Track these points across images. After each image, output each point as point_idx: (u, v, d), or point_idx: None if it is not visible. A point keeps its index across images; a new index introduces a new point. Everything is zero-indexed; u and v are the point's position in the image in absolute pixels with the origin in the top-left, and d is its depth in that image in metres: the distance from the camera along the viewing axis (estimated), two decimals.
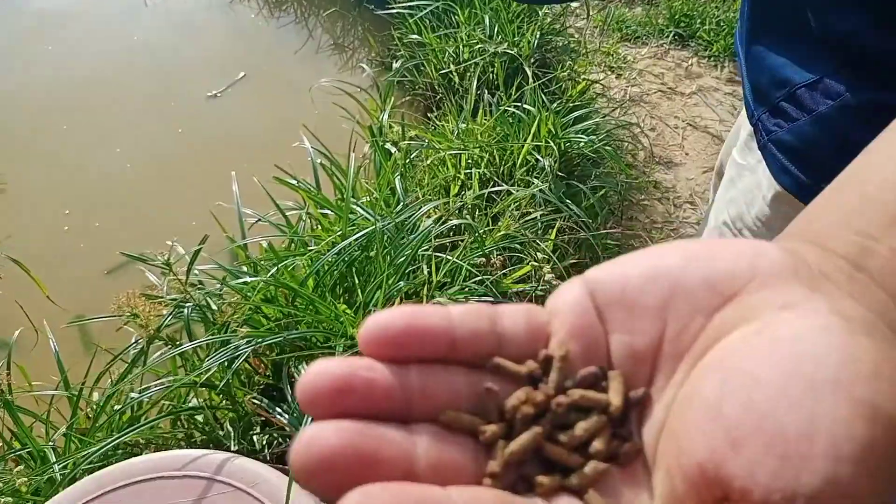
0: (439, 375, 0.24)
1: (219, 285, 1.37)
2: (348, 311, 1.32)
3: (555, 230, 1.53)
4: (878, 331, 0.22)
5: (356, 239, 1.39)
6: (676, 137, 2.33)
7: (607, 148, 1.90)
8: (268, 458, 1.29)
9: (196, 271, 1.41)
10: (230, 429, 1.27)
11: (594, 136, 1.85)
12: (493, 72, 2.11)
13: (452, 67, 2.15)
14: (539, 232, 1.57)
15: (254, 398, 1.26)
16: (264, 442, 1.30)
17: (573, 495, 0.23)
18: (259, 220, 1.77)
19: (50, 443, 1.21)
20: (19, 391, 1.28)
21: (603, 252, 1.61)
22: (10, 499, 1.00)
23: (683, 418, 0.22)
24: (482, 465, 0.23)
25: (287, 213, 1.76)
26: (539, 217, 1.57)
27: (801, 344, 0.21)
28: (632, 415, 0.24)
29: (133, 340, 1.37)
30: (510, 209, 1.58)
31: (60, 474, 1.11)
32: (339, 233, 1.50)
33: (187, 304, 1.29)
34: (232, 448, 1.24)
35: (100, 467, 1.19)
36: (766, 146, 0.72)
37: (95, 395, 1.30)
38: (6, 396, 1.19)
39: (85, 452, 1.12)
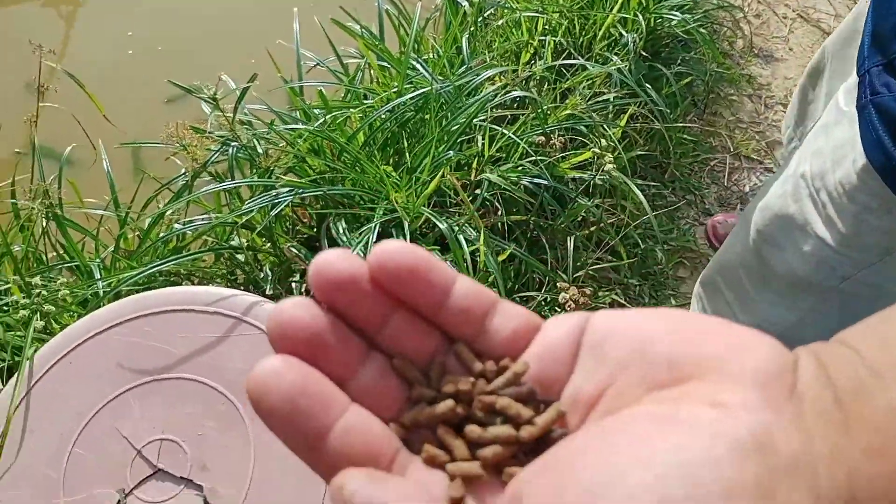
0: (417, 325, 0.26)
1: (266, 128, 1.34)
2: (393, 173, 1.28)
3: (626, 116, 1.42)
4: (791, 474, 0.19)
5: (411, 98, 1.32)
6: (782, 28, 2.09)
7: (702, 31, 1.72)
8: None
9: (247, 110, 1.37)
10: (269, 273, 1.29)
11: (689, 16, 1.66)
12: None
13: None
14: (609, 116, 1.46)
15: (293, 246, 1.27)
16: (301, 290, 1.32)
17: (442, 472, 0.24)
18: (317, 64, 1.70)
19: (97, 260, 1.25)
20: (70, 205, 1.31)
21: (676, 147, 1.50)
22: (52, 306, 1.05)
23: (536, 481, 0.22)
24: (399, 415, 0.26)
25: (346, 62, 1.69)
26: (611, 99, 1.45)
27: (677, 438, 0.20)
28: (542, 449, 0.24)
29: (181, 172, 1.38)
30: (581, 87, 1.46)
31: (104, 291, 1.16)
32: (395, 89, 1.43)
33: (233, 143, 1.27)
34: (268, 291, 1.26)
35: (142, 290, 1.23)
36: (866, 108, 0.59)
37: (142, 222, 1.32)
38: (56, 210, 1.22)
39: (129, 274, 1.15)
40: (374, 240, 1.12)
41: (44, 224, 1.26)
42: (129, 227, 1.29)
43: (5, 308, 1.15)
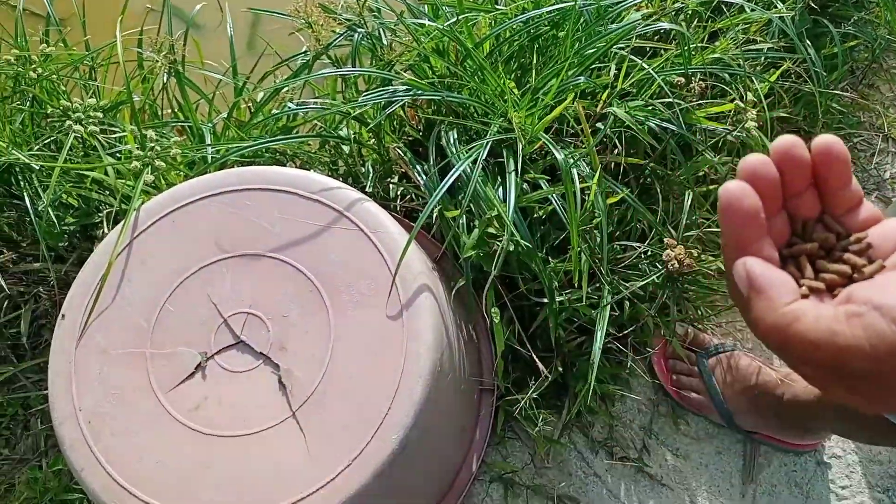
0: (810, 200, 0.43)
1: (395, 19, 1.29)
2: (515, 90, 1.21)
3: (779, 72, 1.29)
4: None
5: (549, 12, 1.23)
6: None
7: None
8: (397, 209, 1.30)
9: None
10: (371, 169, 1.27)
11: None
12: None
13: None
14: (758, 68, 1.33)
15: (398, 147, 1.24)
16: (398, 192, 1.30)
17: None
18: None
19: (209, 124, 1.26)
20: (191, 64, 1.31)
21: (823, 115, 1.36)
22: (162, 162, 1.06)
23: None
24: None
25: None
26: (765, 50, 1.32)
27: None
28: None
29: (302, 50, 1.35)
30: (736, 30, 1.33)
31: (212, 157, 1.17)
32: None
33: (359, 30, 1.23)
34: (367, 188, 1.25)
35: (247, 163, 1.24)
36: None
37: (256, 94, 1.32)
38: (178, 67, 1.22)
39: (237, 145, 1.16)
40: (484, 157, 1.08)
41: (164, 79, 1.27)
42: (243, 97, 1.28)
43: (118, 155, 1.19)
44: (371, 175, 1.26)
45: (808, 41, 1.37)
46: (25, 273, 1.19)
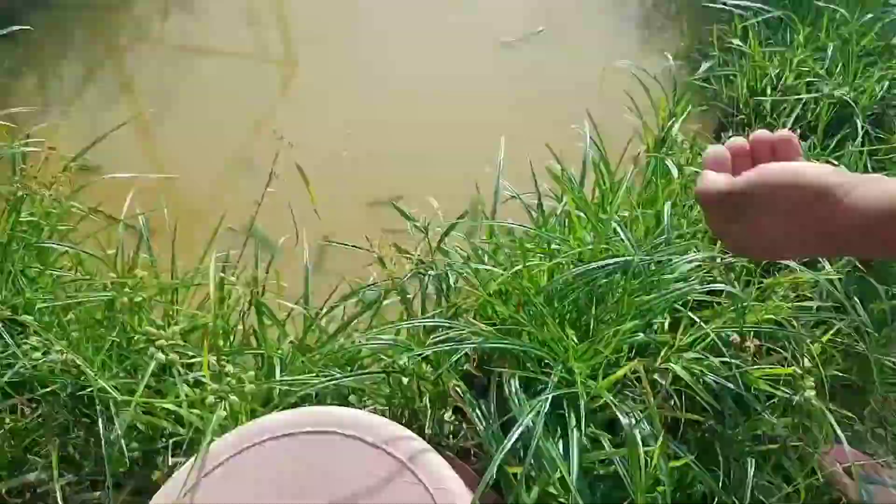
0: None
1: (462, 261, 1.38)
2: (574, 339, 1.26)
3: (830, 333, 1.33)
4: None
5: (608, 265, 1.31)
6: None
7: None
8: (451, 445, 1.31)
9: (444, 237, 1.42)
10: (428, 405, 1.30)
11: None
12: (815, 112, 1.83)
13: (769, 92, 1.90)
14: (810, 325, 1.37)
15: (458, 385, 1.27)
16: (452, 430, 1.31)
17: None
18: (514, 196, 1.74)
19: (280, 352, 1.32)
20: (270, 294, 1.40)
21: (878, 375, 1.37)
22: (236, 398, 1.10)
23: None
24: None
25: (544, 198, 1.72)
26: (815, 309, 1.36)
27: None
28: None
29: (371, 282, 1.44)
30: (785, 287, 1.39)
31: (279, 391, 1.22)
32: (589, 246, 1.43)
33: (429, 273, 1.32)
34: (426, 428, 1.27)
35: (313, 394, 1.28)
36: None
37: (328, 325, 1.39)
38: (259, 298, 1.31)
39: (309, 380, 1.20)
40: (546, 410, 1.10)
41: (245, 308, 1.35)
42: (313, 328, 1.35)
43: (193, 382, 1.24)
44: (430, 413, 1.28)
45: (856, 298, 1.42)
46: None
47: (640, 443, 1.07)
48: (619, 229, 1.41)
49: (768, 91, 1.92)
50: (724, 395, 1.20)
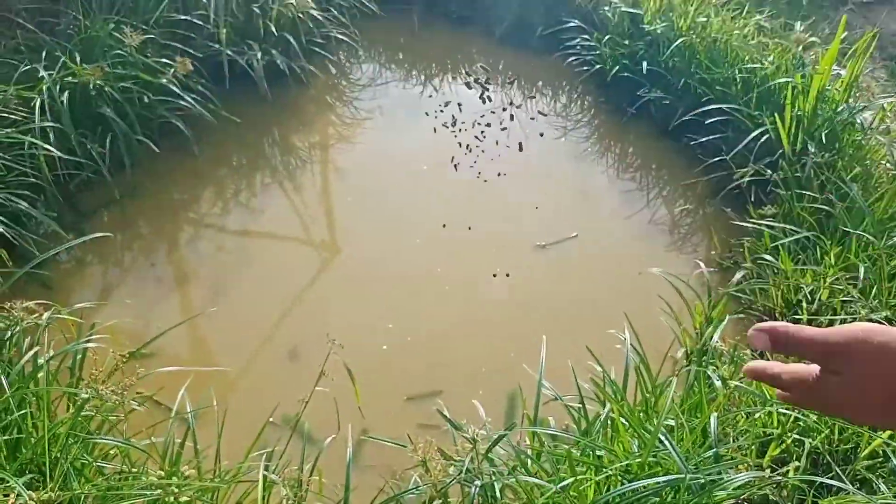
0: None
1: (507, 471, 1.37)
2: None
3: None
4: None
5: (658, 483, 1.29)
6: None
7: None
8: None
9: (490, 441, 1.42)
10: None
11: None
12: None
13: (805, 306, 1.96)
14: None
15: None
16: None
17: None
18: (555, 398, 1.76)
19: None
20: (312, 492, 1.39)
21: None
22: None
23: None
24: None
25: (586, 401, 1.73)
26: None
27: None
28: None
29: (414, 485, 1.42)
30: None
31: None
32: (637, 458, 1.42)
33: (475, 483, 1.31)
34: None
35: None
36: None
37: None
38: (303, 501, 1.30)
39: None
40: None
41: None
42: None
43: None
44: None
45: None
46: None
47: None
48: (666, 443, 1.40)
49: (804, 305, 1.97)
50: None
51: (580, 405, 1.73)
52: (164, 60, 2.84)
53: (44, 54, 2.70)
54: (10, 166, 2.37)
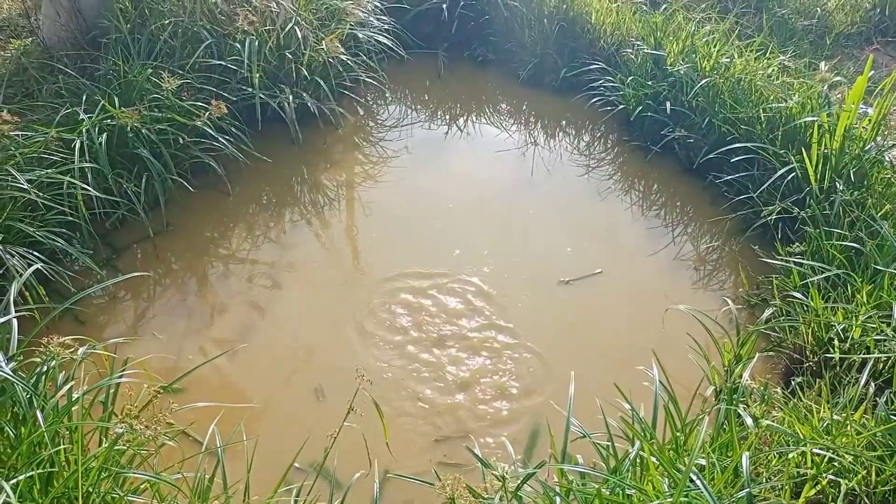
0: None
1: None
2: None
3: None
4: None
5: None
6: None
7: None
8: None
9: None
10: None
11: None
12: (889, 366, 1.84)
13: (837, 344, 1.93)
14: None
15: None
16: None
17: None
18: (583, 436, 1.75)
19: None
20: None
21: None
22: None
23: None
24: None
25: (614, 438, 1.71)
26: None
27: None
28: None
29: None
30: None
31: None
32: (668, 498, 1.39)
33: None
34: None
35: None
36: None
37: None
38: None
39: None
40: None
41: None
42: None
43: None
44: None
45: None
46: None
47: None
48: (699, 482, 1.38)
49: (835, 343, 1.94)
50: None
51: (608, 443, 1.71)
52: (199, 103, 2.93)
53: (84, 98, 2.80)
54: (49, 205, 2.45)
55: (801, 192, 2.70)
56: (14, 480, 1.31)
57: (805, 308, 2.14)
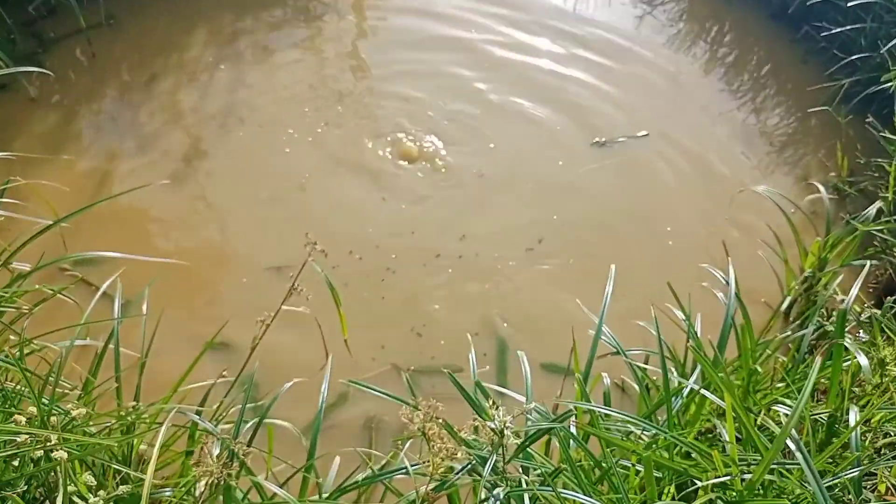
0: None
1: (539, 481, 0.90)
2: None
3: None
4: None
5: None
6: None
7: None
8: None
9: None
10: None
11: None
12: None
13: None
14: None
15: None
16: None
17: None
18: (616, 352, 1.26)
19: None
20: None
21: None
22: None
23: None
24: None
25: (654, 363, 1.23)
26: None
27: None
28: None
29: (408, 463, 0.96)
30: None
31: None
32: (744, 473, 0.93)
33: (497, 491, 0.84)
34: None
35: None
36: None
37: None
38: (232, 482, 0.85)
39: None
40: None
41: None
42: None
43: None
44: None
45: None
46: None
47: None
48: (800, 457, 0.90)
49: None
50: None
51: (658, 366, 1.21)
52: None
53: None
54: None
55: None
56: None
57: None
